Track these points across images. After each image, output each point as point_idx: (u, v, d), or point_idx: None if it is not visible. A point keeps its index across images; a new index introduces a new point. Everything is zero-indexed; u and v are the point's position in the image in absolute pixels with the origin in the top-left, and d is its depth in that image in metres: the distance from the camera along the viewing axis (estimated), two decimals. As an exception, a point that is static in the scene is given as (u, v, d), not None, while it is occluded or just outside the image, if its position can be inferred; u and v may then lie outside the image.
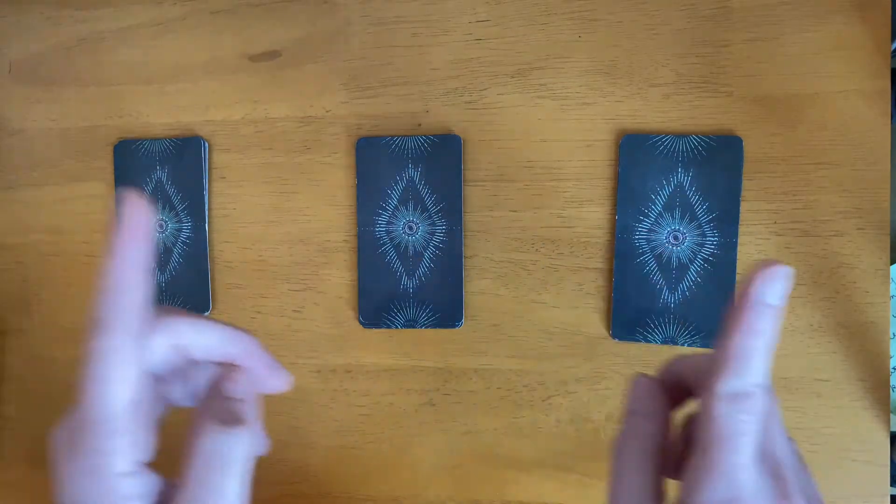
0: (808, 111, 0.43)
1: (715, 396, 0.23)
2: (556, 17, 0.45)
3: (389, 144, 0.47)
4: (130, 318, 0.23)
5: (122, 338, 0.22)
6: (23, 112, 0.52)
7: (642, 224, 0.44)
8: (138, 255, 0.23)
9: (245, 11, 0.49)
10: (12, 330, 0.52)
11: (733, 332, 0.24)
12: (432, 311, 0.46)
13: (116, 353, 0.22)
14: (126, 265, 0.23)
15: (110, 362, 0.22)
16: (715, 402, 0.23)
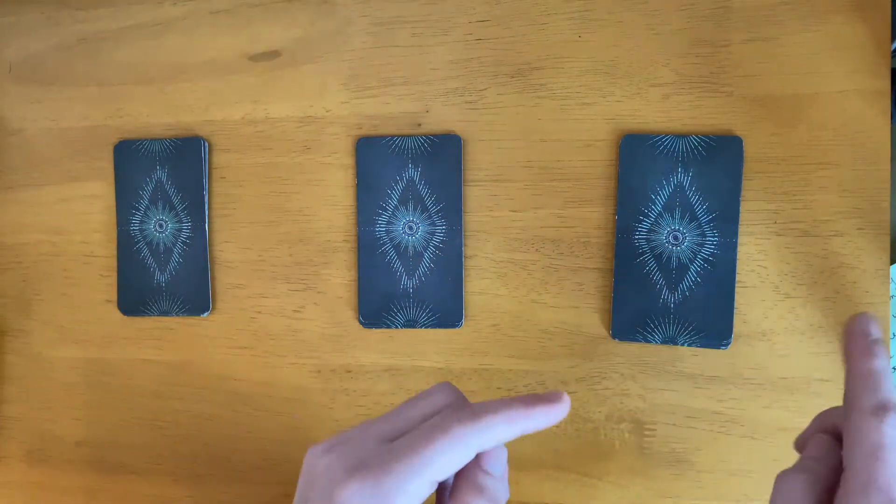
0: (808, 111, 0.43)
1: (859, 412, 0.24)
2: (556, 17, 0.45)
3: (389, 144, 0.47)
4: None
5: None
6: (23, 112, 0.52)
7: (642, 224, 0.44)
8: None
9: (245, 11, 0.49)
10: (12, 330, 0.52)
11: (854, 359, 0.25)
12: (432, 311, 0.46)
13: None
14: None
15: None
16: (860, 417, 0.24)
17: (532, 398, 0.27)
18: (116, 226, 0.50)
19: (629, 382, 0.45)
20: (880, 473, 0.23)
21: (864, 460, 0.23)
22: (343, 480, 0.25)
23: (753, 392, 0.43)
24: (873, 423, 0.24)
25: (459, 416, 0.26)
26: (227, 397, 0.49)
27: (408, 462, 0.25)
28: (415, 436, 0.26)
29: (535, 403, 0.27)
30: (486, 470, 0.27)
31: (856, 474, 0.23)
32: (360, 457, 0.26)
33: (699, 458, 0.44)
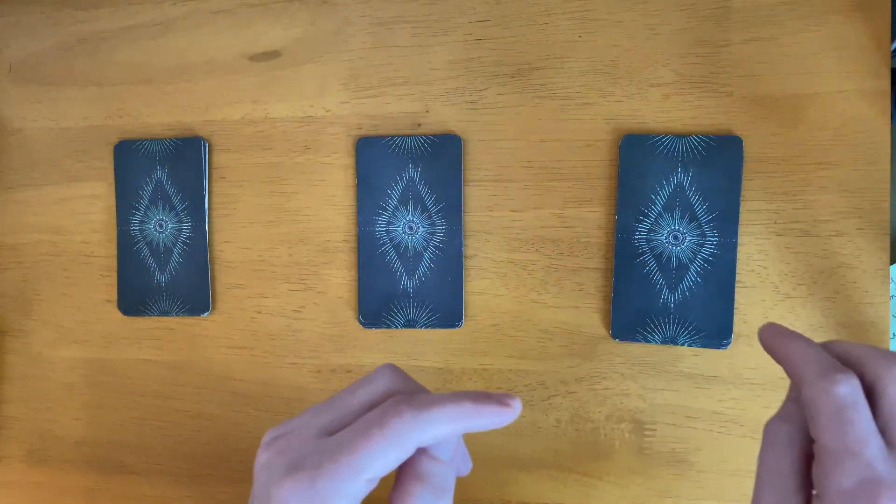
0: (808, 111, 0.43)
1: (808, 384, 0.24)
2: (556, 17, 0.45)
3: (389, 144, 0.47)
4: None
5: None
6: (23, 112, 0.52)
7: (642, 224, 0.44)
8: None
9: (245, 11, 0.49)
10: (12, 330, 0.52)
11: (784, 346, 0.25)
12: (432, 311, 0.46)
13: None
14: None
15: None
16: (810, 388, 0.23)
17: (482, 396, 0.26)
18: (116, 226, 0.50)
19: (629, 382, 0.45)
20: (847, 437, 0.22)
21: (828, 429, 0.23)
22: (279, 481, 0.24)
23: (753, 392, 0.43)
24: (824, 388, 0.23)
25: (400, 409, 0.24)
26: (227, 397, 0.49)
27: (344, 462, 0.24)
28: (352, 432, 0.24)
29: (485, 403, 0.25)
30: (431, 455, 0.26)
31: (825, 447, 0.23)
32: (296, 454, 0.25)
33: (699, 458, 0.44)
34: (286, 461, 0.25)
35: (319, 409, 0.27)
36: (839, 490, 0.22)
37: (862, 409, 0.23)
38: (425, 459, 0.25)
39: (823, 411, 0.23)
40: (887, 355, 0.25)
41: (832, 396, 0.23)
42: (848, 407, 0.23)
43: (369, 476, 0.24)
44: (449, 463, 0.26)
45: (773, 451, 0.25)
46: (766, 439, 0.26)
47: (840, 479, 0.22)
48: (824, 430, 0.23)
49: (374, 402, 0.26)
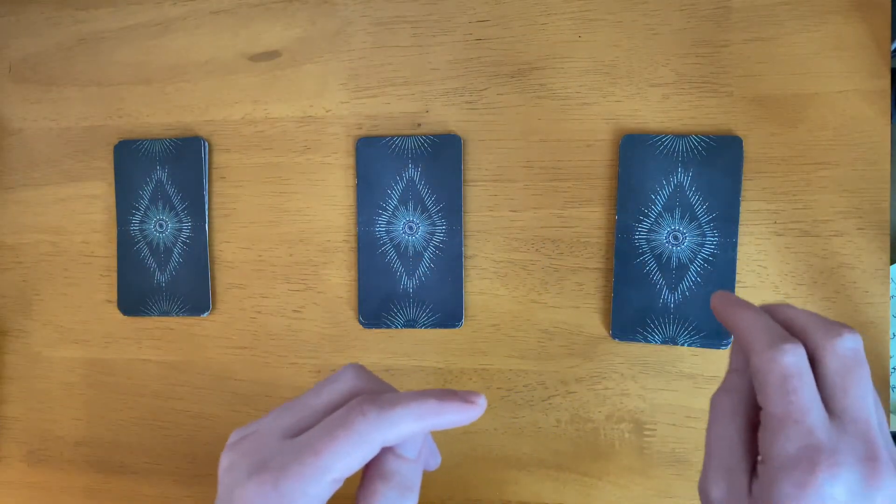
0: (808, 111, 0.43)
1: (756, 354, 0.24)
2: (556, 17, 0.45)
3: (389, 144, 0.47)
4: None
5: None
6: (23, 112, 0.52)
7: (642, 224, 0.44)
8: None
9: (245, 11, 0.49)
10: (12, 330, 0.52)
11: (735, 314, 0.26)
12: (432, 311, 0.46)
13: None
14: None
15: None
16: (758, 357, 0.24)
17: (447, 394, 0.25)
18: (116, 226, 0.50)
19: (629, 382, 0.45)
20: (791, 405, 0.23)
21: (773, 397, 0.23)
22: (243, 482, 0.24)
23: (753, 392, 0.43)
24: (771, 357, 0.24)
25: (364, 409, 0.24)
26: (227, 397, 0.49)
27: (308, 463, 0.23)
28: (316, 433, 0.24)
29: (449, 400, 0.25)
30: (397, 454, 0.26)
31: (771, 414, 0.23)
32: (260, 456, 0.25)
33: (699, 458, 0.44)
34: (250, 463, 0.24)
35: (284, 410, 0.27)
36: (782, 455, 0.23)
37: (806, 379, 0.23)
38: (391, 458, 0.25)
39: (770, 380, 0.24)
40: (828, 325, 0.25)
41: (778, 365, 0.24)
42: (793, 376, 0.23)
43: (334, 476, 0.24)
44: (415, 461, 0.26)
45: (718, 421, 0.26)
46: (712, 411, 0.26)
47: (784, 444, 0.23)
48: (770, 399, 0.24)
49: (339, 402, 0.26)
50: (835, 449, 0.22)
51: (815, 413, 0.23)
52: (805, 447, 0.22)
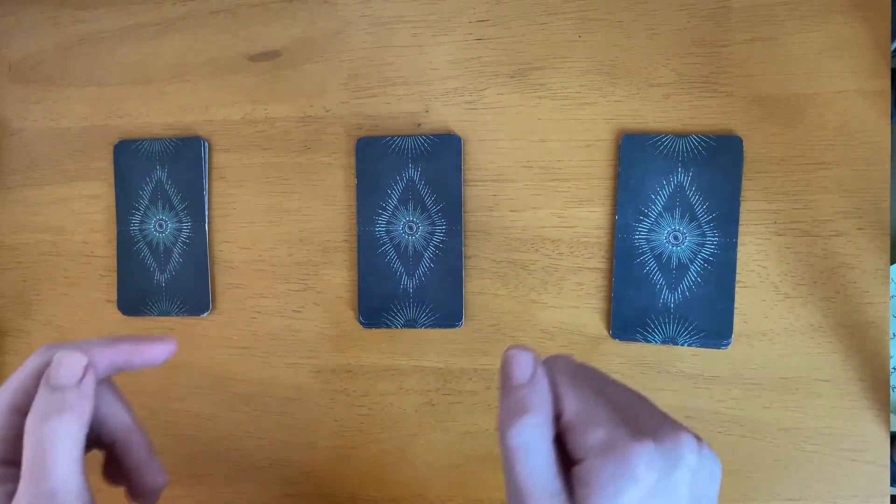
0: (808, 111, 0.43)
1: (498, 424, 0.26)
2: (556, 17, 0.45)
3: (389, 144, 0.47)
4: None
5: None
6: (23, 112, 0.52)
7: (642, 224, 0.44)
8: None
9: (245, 11, 0.49)
10: (12, 330, 0.52)
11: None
12: (432, 311, 0.46)
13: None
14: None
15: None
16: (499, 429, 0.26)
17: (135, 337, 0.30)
18: (116, 226, 0.50)
19: (629, 382, 0.45)
20: (518, 474, 0.25)
21: (505, 464, 0.25)
22: None
23: (753, 392, 0.43)
24: (506, 433, 0.25)
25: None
26: (227, 397, 0.49)
27: None
28: None
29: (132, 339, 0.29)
30: (44, 381, 0.27)
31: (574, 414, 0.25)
32: None
33: (699, 458, 0.44)
34: None
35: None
36: (597, 444, 0.24)
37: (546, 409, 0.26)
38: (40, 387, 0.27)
39: (502, 451, 0.25)
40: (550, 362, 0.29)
41: (505, 440, 0.25)
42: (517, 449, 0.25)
43: (5, 398, 0.27)
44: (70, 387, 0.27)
45: (530, 455, 0.26)
46: (516, 450, 0.26)
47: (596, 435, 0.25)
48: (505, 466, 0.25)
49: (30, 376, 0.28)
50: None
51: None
52: (613, 432, 0.24)
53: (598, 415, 0.25)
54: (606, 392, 0.27)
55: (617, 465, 0.23)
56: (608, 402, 0.26)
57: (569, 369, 0.28)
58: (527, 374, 0.27)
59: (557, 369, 0.28)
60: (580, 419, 0.25)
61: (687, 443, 0.24)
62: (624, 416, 0.25)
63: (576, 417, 0.25)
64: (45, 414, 0.26)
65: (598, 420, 0.25)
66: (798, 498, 0.43)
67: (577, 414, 0.26)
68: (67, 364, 0.27)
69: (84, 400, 0.27)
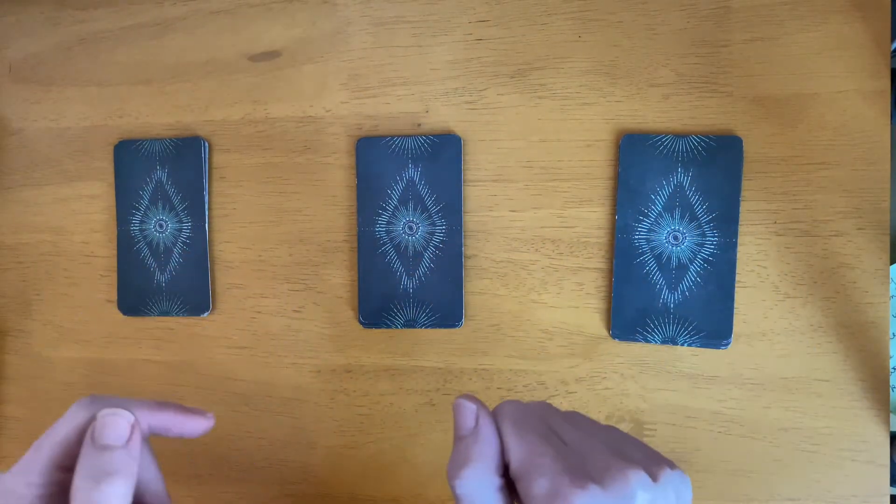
0: (808, 111, 0.43)
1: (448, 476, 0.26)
2: (556, 17, 0.45)
3: (389, 144, 0.47)
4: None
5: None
6: (23, 112, 0.52)
7: (642, 224, 0.44)
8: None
9: (245, 11, 0.49)
10: (12, 330, 0.52)
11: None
12: (432, 311, 0.46)
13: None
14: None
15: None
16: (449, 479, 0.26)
17: (175, 405, 0.30)
18: (116, 226, 0.50)
19: (629, 382, 0.45)
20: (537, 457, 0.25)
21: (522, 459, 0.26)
22: None
23: (753, 392, 0.43)
24: (451, 483, 0.26)
25: (81, 399, 0.28)
26: (227, 397, 0.49)
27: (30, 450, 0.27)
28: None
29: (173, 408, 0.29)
30: (94, 440, 0.26)
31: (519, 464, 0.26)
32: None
33: (699, 458, 0.44)
34: None
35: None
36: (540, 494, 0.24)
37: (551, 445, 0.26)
38: (86, 445, 0.26)
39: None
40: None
41: (455, 491, 0.26)
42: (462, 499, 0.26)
43: (45, 454, 0.26)
44: (122, 447, 0.27)
45: (477, 502, 0.26)
46: (461, 498, 0.26)
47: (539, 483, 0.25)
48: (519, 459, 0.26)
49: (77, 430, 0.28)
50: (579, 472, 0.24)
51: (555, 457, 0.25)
52: (556, 481, 0.24)
53: (542, 464, 0.25)
54: (560, 433, 0.27)
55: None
56: (555, 447, 0.26)
57: (514, 416, 0.28)
58: (470, 425, 0.27)
59: (503, 417, 0.28)
60: (525, 468, 0.25)
61: (635, 481, 0.24)
62: (571, 460, 0.25)
63: (521, 467, 0.25)
64: (96, 476, 0.25)
65: (541, 469, 0.25)
66: (798, 498, 0.43)
67: (521, 463, 0.25)
68: (114, 423, 0.27)
69: (132, 461, 0.26)
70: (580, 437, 0.27)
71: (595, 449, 0.26)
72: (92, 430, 0.27)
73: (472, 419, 0.28)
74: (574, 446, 0.26)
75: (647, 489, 0.24)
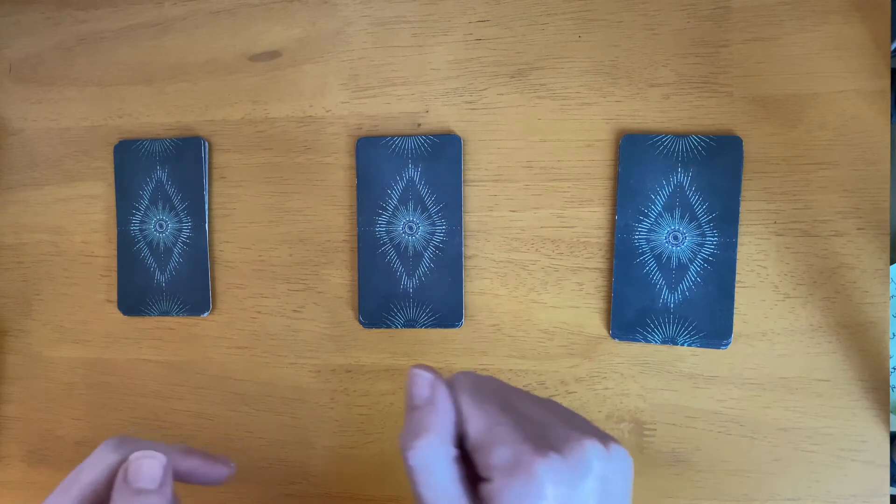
0: (808, 111, 0.43)
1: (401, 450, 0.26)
2: (556, 17, 0.45)
3: (389, 144, 0.47)
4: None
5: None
6: (23, 112, 0.52)
7: (642, 224, 0.44)
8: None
9: (245, 11, 0.49)
10: (12, 330, 0.52)
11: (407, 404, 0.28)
12: (432, 311, 0.46)
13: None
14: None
15: None
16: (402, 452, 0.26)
17: (202, 454, 0.30)
18: (116, 226, 0.50)
19: (629, 382, 0.45)
20: (421, 496, 0.25)
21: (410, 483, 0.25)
22: None
23: (753, 392, 0.43)
24: (404, 454, 0.25)
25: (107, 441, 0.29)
26: (227, 397, 0.49)
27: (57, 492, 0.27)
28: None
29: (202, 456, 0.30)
30: (129, 483, 0.27)
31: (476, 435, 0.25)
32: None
33: (699, 458, 0.44)
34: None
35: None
36: (502, 463, 0.24)
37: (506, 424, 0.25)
38: (122, 488, 0.27)
39: (407, 472, 0.26)
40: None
41: (407, 463, 0.25)
42: (418, 471, 0.25)
43: (76, 495, 0.27)
44: (154, 491, 0.27)
45: (432, 475, 0.26)
46: (418, 469, 0.26)
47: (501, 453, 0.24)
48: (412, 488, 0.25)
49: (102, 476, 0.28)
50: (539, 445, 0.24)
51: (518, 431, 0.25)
52: (517, 450, 0.24)
53: (502, 432, 0.25)
54: (514, 405, 0.27)
55: (523, 483, 0.23)
56: (513, 418, 0.26)
57: (472, 387, 0.27)
58: (425, 394, 0.27)
59: (460, 388, 0.27)
60: (484, 438, 0.25)
61: (591, 450, 0.24)
62: (530, 430, 0.25)
63: (480, 437, 0.25)
64: None
65: (501, 438, 0.25)
66: (798, 498, 0.43)
67: (480, 433, 0.25)
68: (150, 465, 0.27)
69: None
70: (536, 408, 0.27)
71: (552, 420, 0.26)
72: (125, 471, 0.27)
73: (427, 389, 0.27)
74: (531, 417, 0.26)
75: (602, 460, 0.25)
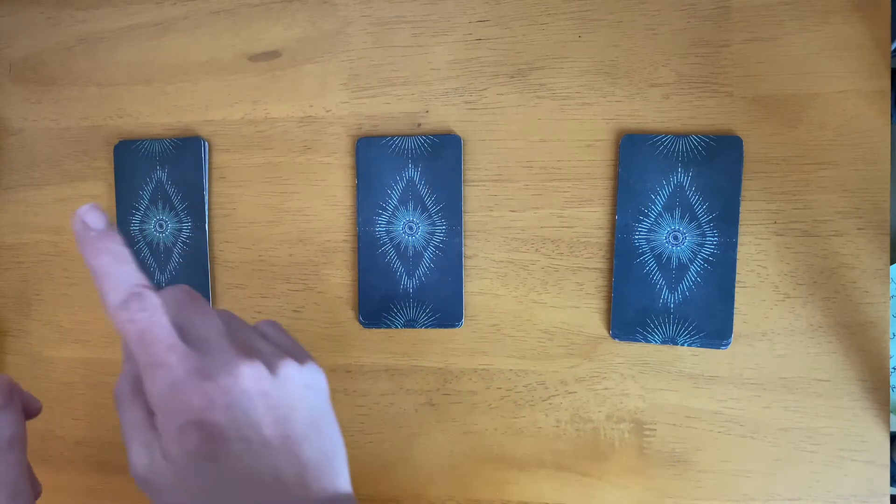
0: (808, 111, 0.43)
1: (112, 312, 0.25)
2: (556, 17, 0.45)
3: (389, 144, 0.47)
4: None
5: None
6: (23, 112, 0.52)
7: (642, 224, 0.44)
8: None
9: (245, 11, 0.49)
10: (12, 330, 0.52)
11: (89, 260, 0.26)
12: (432, 311, 0.46)
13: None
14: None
15: None
16: (114, 316, 0.25)
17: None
18: (116, 226, 0.50)
19: (629, 382, 0.45)
20: (152, 352, 0.25)
21: (136, 350, 0.25)
22: None
23: (753, 392, 0.43)
24: (123, 316, 0.25)
25: None
26: (227, 397, 0.49)
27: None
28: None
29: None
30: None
31: (142, 367, 0.25)
32: None
33: (699, 458, 0.44)
34: None
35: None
36: (156, 396, 0.25)
37: (160, 326, 0.25)
38: None
39: (131, 336, 0.25)
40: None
41: (133, 323, 0.25)
42: (146, 330, 0.25)
43: None
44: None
45: (123, 406, 0.26)
46: (117, 400, 0.27)
47: (155, 387, 0.25)
48: (136, 352, 0.25)
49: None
50: (199, 369, 0.25)
51: (174, 353, 0.25)
52: (170, 383, 0.25)
53: (165, 362, 0.25)
54: (187, 326, 0.27)
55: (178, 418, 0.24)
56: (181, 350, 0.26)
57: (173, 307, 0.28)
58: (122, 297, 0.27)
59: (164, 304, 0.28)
60: (143, 369, 0.26)
61: (245, 375, 0.25)
62: (193, 360, 0.25)
63: (140, 367, 0.26)
64: None
65: (165, 367, 0.25)
66: (798, 498, 0.43)
67: (140, 363, 0.26)
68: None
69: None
70: (212, 335, 0.27)
71: (220, 346, 0.26)
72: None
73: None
74: (199, 344, 0.26)
75: (260, 381, 0.25)
